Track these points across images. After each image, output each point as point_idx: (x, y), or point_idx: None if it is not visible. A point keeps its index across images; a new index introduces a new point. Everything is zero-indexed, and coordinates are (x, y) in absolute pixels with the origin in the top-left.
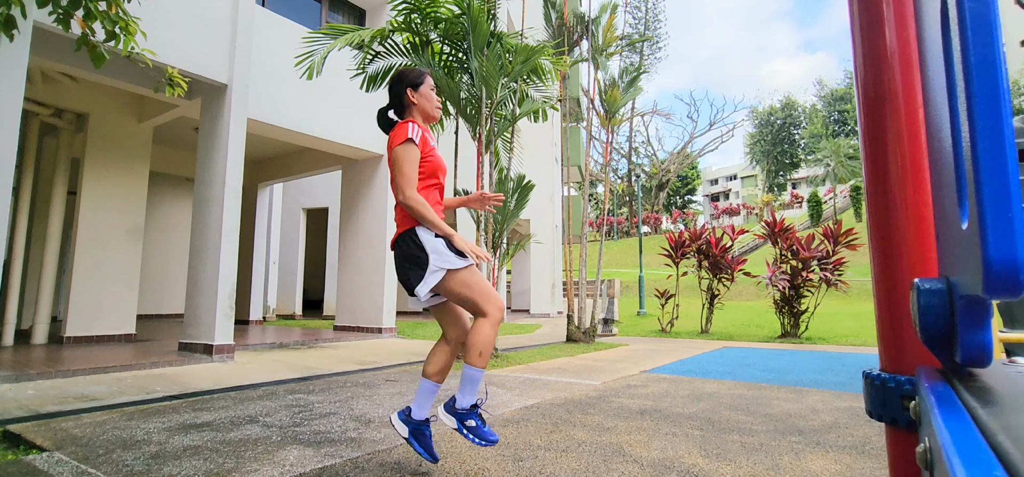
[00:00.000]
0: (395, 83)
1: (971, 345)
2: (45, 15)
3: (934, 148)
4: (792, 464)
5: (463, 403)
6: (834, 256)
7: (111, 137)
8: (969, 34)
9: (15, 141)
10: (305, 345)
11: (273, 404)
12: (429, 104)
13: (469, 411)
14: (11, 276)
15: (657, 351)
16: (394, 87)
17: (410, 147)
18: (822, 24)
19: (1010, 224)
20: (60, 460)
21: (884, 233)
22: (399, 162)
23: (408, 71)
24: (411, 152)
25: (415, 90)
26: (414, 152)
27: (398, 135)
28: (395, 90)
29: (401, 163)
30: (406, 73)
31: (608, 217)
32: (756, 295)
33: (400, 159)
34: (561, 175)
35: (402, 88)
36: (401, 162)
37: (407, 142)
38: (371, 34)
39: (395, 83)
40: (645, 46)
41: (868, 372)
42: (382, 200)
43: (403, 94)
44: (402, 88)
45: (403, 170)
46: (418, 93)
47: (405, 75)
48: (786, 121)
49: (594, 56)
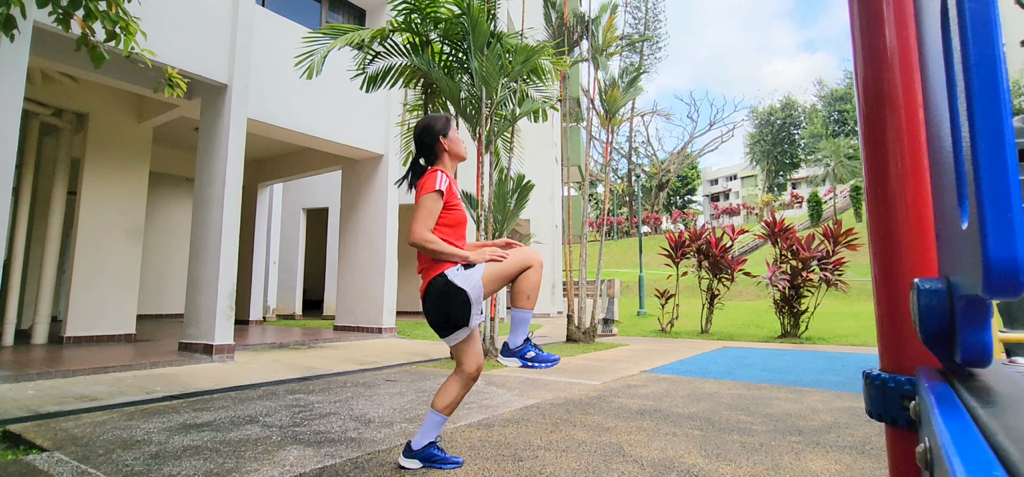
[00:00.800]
0: (424, 133)
1: (971, 345)
2: (45, 15)
3: (934, 148)
4: (792, 464)
5: (517, 342)
6: (834, 256)
7: (111, 137)
8: (969, 34)
9: (15, 141)
10: (305, 345)
11: (273, 404)
12: (458, 147)
13: (524, 345)
14: (11, 276)
15: (657, 351)
16: (424, 137)
17: (436, 198)
18: (822, 24)
19: (1010, 224)
20: (60, 460)
21: (884, 233)
22: (421, 208)
23: (434, 120)
24: (435, 203)
25: (445, 137)
26: (438, 203)
27: (427, 183)
28: (425, 140)
29: (421, 210)
30: (433, 122)
31: (608, 217)
32: (756, 295)
33: (423, 206)
34: (561, 175)
35: (433, 138)
36: (421, 209)
37: (435, 193)
38: (371, 34)
39: (424, 133)
40: (645, 46)
41: (868, 372)
42: (382, 200)
43: (434, 143)
44: (433, 138)
45: (420, 216)
46: (448, 140)
47: (433, 125)
48: (786, 121)
49: (594, 56)
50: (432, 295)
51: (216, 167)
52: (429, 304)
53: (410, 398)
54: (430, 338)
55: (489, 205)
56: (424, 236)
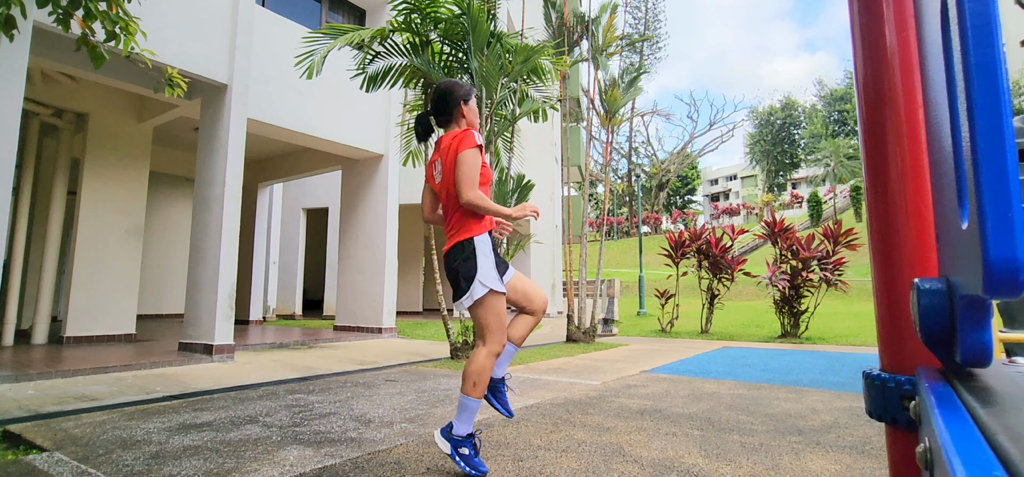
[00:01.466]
0: (446, 94)
1: (971, 345)
2: (45, 15)
3: (934, 148)
4: (792, 464)
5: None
6: (834, 256)
7: (111, 137)
8: (969, 34)
9: (15, 141)
10: (305, 345)
11: (273, 404)
12: (475, 117)
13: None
14: (11, 276)
15: (657, 351)
16: (446, 97)
17: (478, 153)
18: (823, 24)
19: (1010, 224)
20: (60, 460)
21: (884, 233)
22: (466, 164)
23: (458, 85)
24: (478, 158)
25: (466, 104)
26: (479, 159)
27: (466, 140)
28: (447, 100)
29: (468, 166)
30: (458, 86)
31: (608, 217)
32: (756, 295)
33: (468, 162)
34: (561, 175)
35: (455, 100)
36: (468, 165)
37: (477, 148)
38: (371, 34)
39: (446, 94)
40: (645, 46)
41: (868, 372)
42: (382, 200)
43: (456, 105)
44: (455, 100)
45: (469, 173)
46: (468, 107)
47: (457, 87)
48: (786, 121)
49: (594, 56)
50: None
51: (216, 167)
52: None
53: (410, 398)
54: (430, 338)
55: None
56: (475, 193)
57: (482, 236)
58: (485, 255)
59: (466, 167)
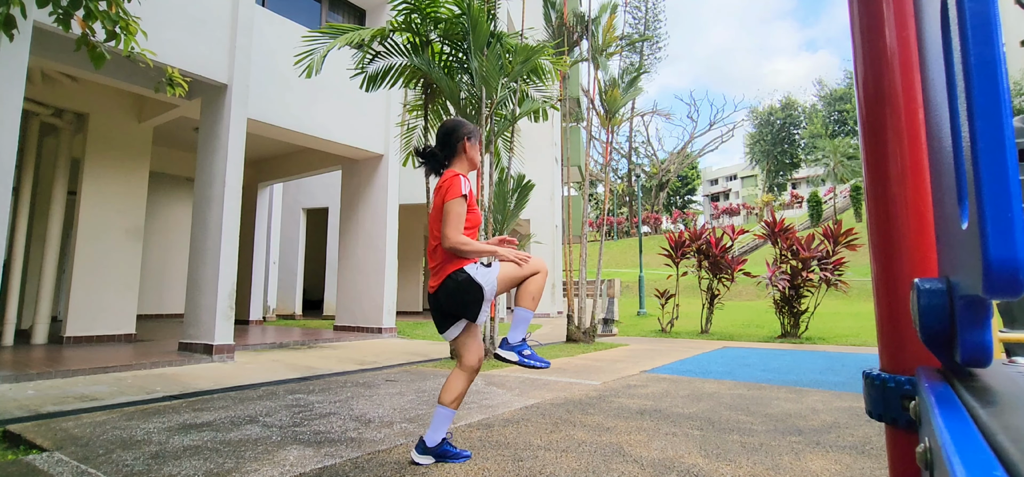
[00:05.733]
0: (451, 131)
1: (971, 345)
2: (45, 15)
3: (934, 148)
4: (792, 464)
5: (516, 338)
6: (834, 256)
7: (111, 137)
8: (969, 34)
9: (15, 141)
10: (305, 345)
11: (273, 404)
12: (476, 155)
13: (522, 343)
14: (11, 276)
15: (657, 351)
16: (450, 134)
17: (462, 203)
18: (824, 23)
19: (1010, 224)
20: (60, 460)
21: (884, 233)
22: (450, 215)
23: (464, 124)
24: (462, 207)
25: (469, 141)
26: (464, 207)
27: (453, 188)
28: (451, 137)
29: (452, 216)
30: (463, 125)
31: (608, 217)
32: (756, 295)
33: (452, 213)
34: (561, 175)
35: (459, 138)
36: (452, 215)
37: (461, 198)
38: (371, 34)
39: (451, 131)
40: (645, 46)
41: (868, 372)
42: (382, 200)
43: (458, 142)
44: (459, 138)
45: (451, 221)
46: (470, 145)
47: (462, 126)
48: (786, 121)
49: (594, 56)
50: (448, 289)
51: (216, 167)
52: (443, 298)
53: (410, 398)
54: (430, 338)
55: (489, 205)
56: (459, 239)
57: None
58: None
59: (452, 216)
